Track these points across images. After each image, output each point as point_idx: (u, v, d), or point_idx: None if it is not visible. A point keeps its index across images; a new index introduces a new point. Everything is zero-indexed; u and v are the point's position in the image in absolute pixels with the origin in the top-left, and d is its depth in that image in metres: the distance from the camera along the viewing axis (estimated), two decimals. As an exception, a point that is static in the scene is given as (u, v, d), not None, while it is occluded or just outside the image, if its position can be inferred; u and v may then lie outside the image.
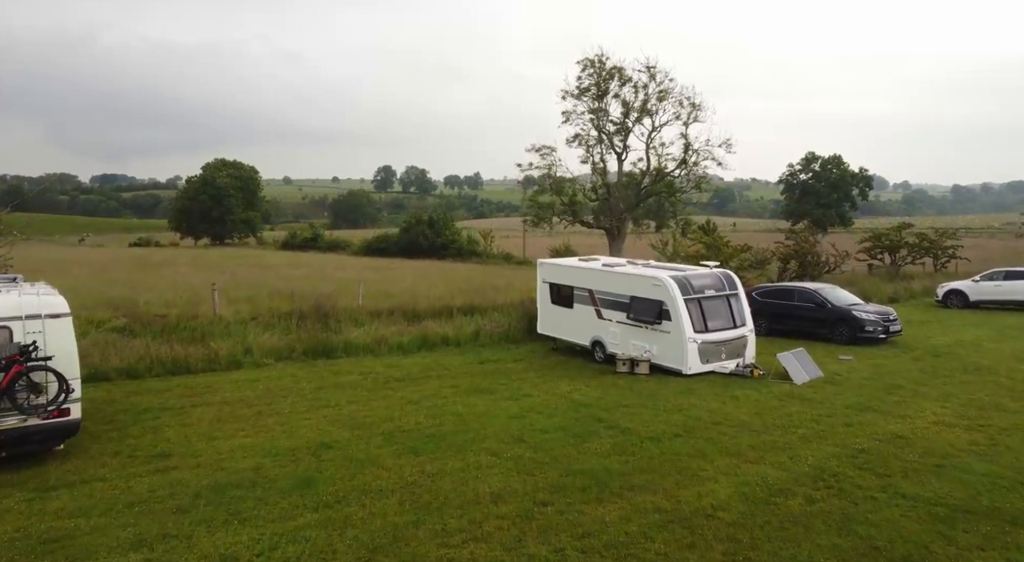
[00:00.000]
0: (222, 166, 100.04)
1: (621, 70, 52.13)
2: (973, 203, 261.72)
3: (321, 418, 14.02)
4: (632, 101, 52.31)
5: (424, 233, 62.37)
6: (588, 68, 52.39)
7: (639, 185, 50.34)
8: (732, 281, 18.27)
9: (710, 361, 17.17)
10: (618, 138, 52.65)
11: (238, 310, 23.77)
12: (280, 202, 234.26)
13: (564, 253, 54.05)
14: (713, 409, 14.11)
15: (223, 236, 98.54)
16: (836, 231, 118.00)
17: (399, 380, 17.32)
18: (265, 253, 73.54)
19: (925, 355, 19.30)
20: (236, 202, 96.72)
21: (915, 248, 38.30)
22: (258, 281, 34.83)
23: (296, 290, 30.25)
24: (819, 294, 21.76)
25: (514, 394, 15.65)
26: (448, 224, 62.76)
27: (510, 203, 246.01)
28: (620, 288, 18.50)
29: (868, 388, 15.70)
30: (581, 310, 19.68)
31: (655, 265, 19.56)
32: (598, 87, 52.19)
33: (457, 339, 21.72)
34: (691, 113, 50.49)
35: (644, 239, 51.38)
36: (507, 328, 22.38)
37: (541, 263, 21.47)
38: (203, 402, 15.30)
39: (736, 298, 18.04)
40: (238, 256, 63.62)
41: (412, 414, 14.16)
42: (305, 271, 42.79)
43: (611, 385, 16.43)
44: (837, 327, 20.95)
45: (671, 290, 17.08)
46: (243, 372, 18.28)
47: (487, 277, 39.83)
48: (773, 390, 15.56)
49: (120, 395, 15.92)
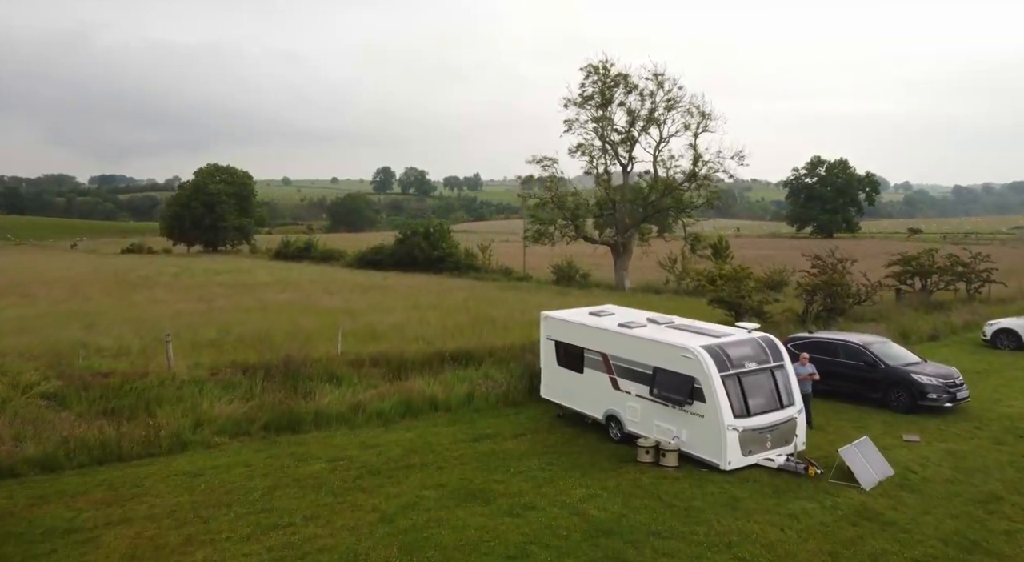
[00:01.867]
0: (215, 172, 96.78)
1: (626, 77, 48.85)
2: (975, 204, 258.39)
3: (265, 552, 10.76)
4: (638, 110, 49.07)
5: (420, 245, 59.05)
6: (592, 75, 49.12)
7: (646, 199, 47.01)
8: (776, 350, 14.97)
9: (753, 452, 13.89)
10: (623, 148, 49.36)
11: (198, 361, 20.52)
12: (278, 204, 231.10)
13: (566, 269, 50.71)
14: (771, 542, 10.81)
15: (216, 243, 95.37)
16: (842, 236, 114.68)
17: (374, 473, 14.02)
18: (256, 264, 70.26)
19: (1007, 435, 15.94)
20: (229, 209, 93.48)
21: (946, 271, 35.03)
22: (234, 312, 31.55)
23: (272, 328, 27.07)
24: (869, 351, 18.39)
25: (514, 505, 12.35)
26: (445, 236, 59.40)
27: (510, 205, 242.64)
28: (641, 355, 15.22)
29: (958, 500, 12.37)
30: (593, 377, 16.41)
31: (680, 325, 16.24)
32: (602, 95, 48.87)
33: (447, 403, 18.44)
34: (701, 123, 47.23)
35: (651, 255, 48.10)
36: (506, 388, 19.11)
37: (545, 317, 18.12)
38: (122, 518, 12.01)
39: (782, 371, 14.75)
40: (225, 269, 60.32)
41: (383, 546, 10.90)
42: (290, 295, 39.48)
43: (634, 488, 13.11)
44: (893, 392, 17.65)
45: (705, 365, 13.80)
46: (186, 458, 14.99)
47: (485, 303, 36.50)
48: (840, 503, 12.25)
49: (22, 503, 12.64)
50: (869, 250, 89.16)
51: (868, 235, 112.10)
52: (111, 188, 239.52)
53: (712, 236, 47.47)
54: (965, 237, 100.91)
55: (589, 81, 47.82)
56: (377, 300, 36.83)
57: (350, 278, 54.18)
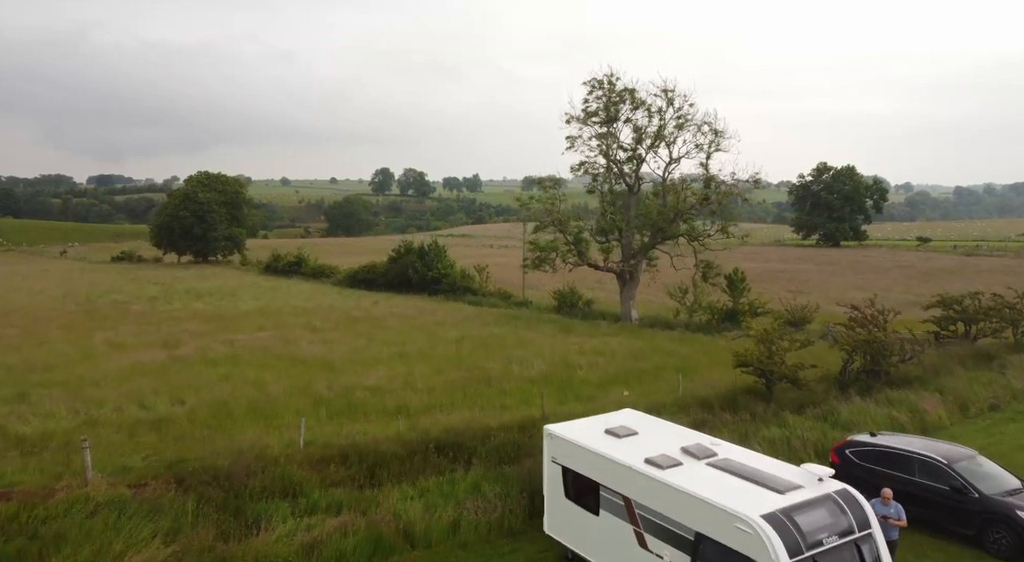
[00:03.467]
0: (206, 180, 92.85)
1: (633, 92, 44.73)
2: (977, 206, 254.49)
3: None
4: (645, 127, 45.07)
5: (414, 265, 55.21)
6: (596, 90, 45.13)
7: (655, 225, 42.98)
8: (860, 511, 11.01)
9: (835, 663, 10.02)
10: (629, 167, 45.37)
11: (125, 464, 16.75)
12: (276, 206, 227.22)
13: (568, 296, 46.76)
14: None
15: (207, 253, 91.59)
16: (849, 245, 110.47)
17: None
18: (243, 281, 66.45)
19: None
20: (219, 218, 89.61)
21: (990, 312, 31.15)
22: (197, 367, 27.65)
23: (234, 397, 23.23)
24: (956, 473, 14.38)
25: None
26: (440, 256, 55.51)
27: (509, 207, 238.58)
28: (679, 512, 11.31)
29: None
30: (612, 523, 12.52)
31: (727, 461, 12.23)
32: (607, 111, 44.74)
33: (427, 535, 14.51)
34: (713, 142, 43.30)
35: (658, 280, 44.22)
36: (500, 512, 15.21)
37: (549, 434, 14.13)
38: None
39: (870, 544, 10.84)
40: (208, 291, 56.50)
41: None
42: (268, 335, 35.60)
43: None
44: (990, 530, 13.74)
45: (770, 545, 9.88)
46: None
47: (480, 346, 32.65)
48: None
49: None
50: (880, 262, 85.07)
51: (875, 243, 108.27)
52: (108, 190, 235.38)
53: (723, 264, 43.42)
54: (976, 248, 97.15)
55: (593, 96, 43.86)
56: (362, 345, 32.93)
57: (339, 303, 50.42)
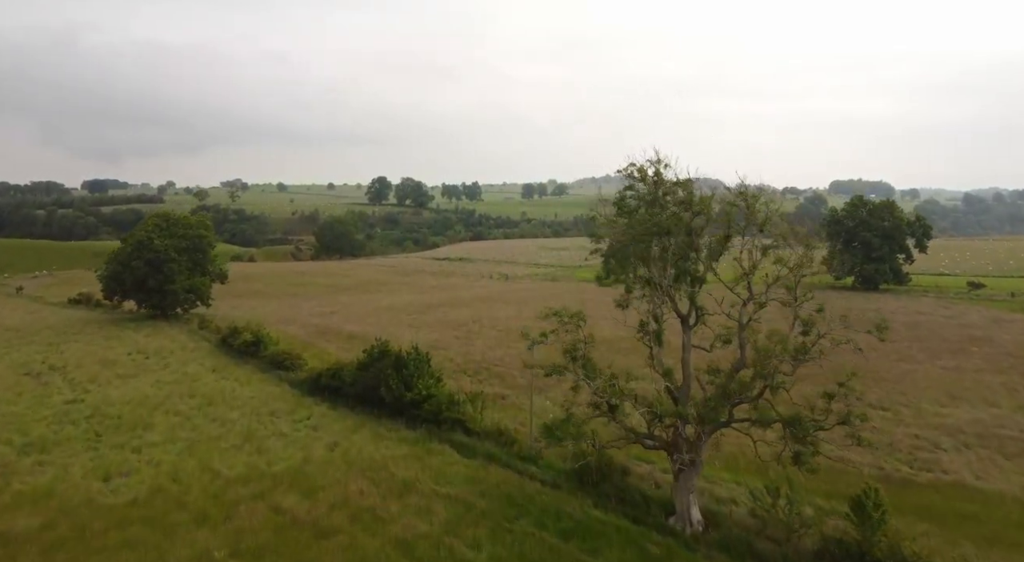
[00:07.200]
0: (164, 224, 78.70)
1: (686, 184, 30.76)
2: (987, 215, 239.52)
3: None
4: (702, 228, 31.02)
5: (390, 379, 41.20)
6: (635, 184, 31.10)
7: (725, 387, 28.73)
8: None
9: None
10: (683, 292, 31.35)
11: None
12: (269, 217, 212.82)
13: (592, 470, 32.56)
14: None
15: (165, 307, 77.61)
16: (890, 288, 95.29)
17: None
18: (185, 369, 52.39)
19: None
20: (179, 267, 75.59)
21: None
22: None
23: None
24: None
25: None
26: (423, 369, 41.46)
27: (509, 218, 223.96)
28: None
29: None
30: None
31: None
32: (650, 215, 30.83)
33: None
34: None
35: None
36: None
37: None
38: None
39: None
40: (129, 395, 42.30)
41: None
42: (154, 509, 21.60)
43: None
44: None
45: None
46: None
47: None
48: None
49: None
50: (942, 327, 63.88)
51: (920, 289, 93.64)
52: (96, 199, 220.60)
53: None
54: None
55: (630, 193, 29.72)
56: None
57: (285, 430, 37.00)
